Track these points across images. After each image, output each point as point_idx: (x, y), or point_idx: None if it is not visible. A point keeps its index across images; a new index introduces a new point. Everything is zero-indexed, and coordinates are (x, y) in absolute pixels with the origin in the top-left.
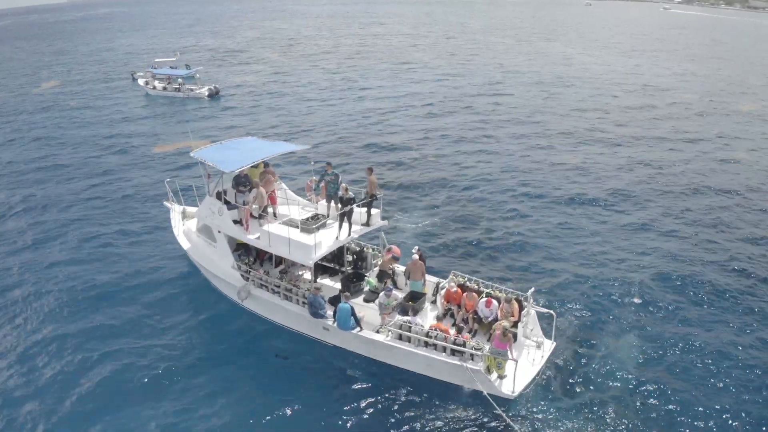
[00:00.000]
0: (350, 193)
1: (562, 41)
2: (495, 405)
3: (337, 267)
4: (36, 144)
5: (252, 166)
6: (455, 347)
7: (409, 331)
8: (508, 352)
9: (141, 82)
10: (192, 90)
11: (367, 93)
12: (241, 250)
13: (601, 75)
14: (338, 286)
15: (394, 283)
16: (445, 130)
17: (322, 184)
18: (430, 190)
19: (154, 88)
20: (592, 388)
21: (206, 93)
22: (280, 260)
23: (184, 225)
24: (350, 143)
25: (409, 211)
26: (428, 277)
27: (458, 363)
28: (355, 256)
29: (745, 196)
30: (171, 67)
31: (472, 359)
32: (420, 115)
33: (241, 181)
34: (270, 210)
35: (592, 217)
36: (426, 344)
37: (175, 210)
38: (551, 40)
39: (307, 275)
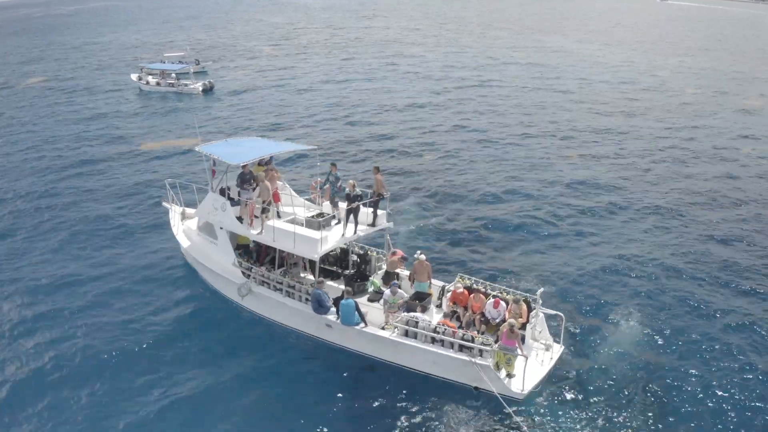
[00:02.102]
0: (357, 190)
1: (561, 34)
2: (504, 404)
3: (339, 270)
4: (22, 141)
5: (258, 165)
6: (463, 343)
7: (416, 327)
8: (518, 349)
9: (134, 77)
10: (186, 85)
11: (365, 88)
12: (241, 251)
13: (602, 69)
14: (342, 286)
15: (399, 287)
16: (448, 126)
17: (326, 185)
18: (435, 189)
19: (148, 83)
20: (601, 391)
21: (200, 88)
22: (281, 262)
23: (184, 225)
24: (349, 140)
25: (413, 213)
26: (434, 280)
27: (467, 359)
28: (358, 259)
29: (755, 190)
30: (180, 62)
31: (481, 355)
32: (421, 111)
33: (246, 179)
34: (273, 208)
35: (601, 217)
36: (433, 340)
37: (175, 211)
38: (551, 33)
39: (310, 277)
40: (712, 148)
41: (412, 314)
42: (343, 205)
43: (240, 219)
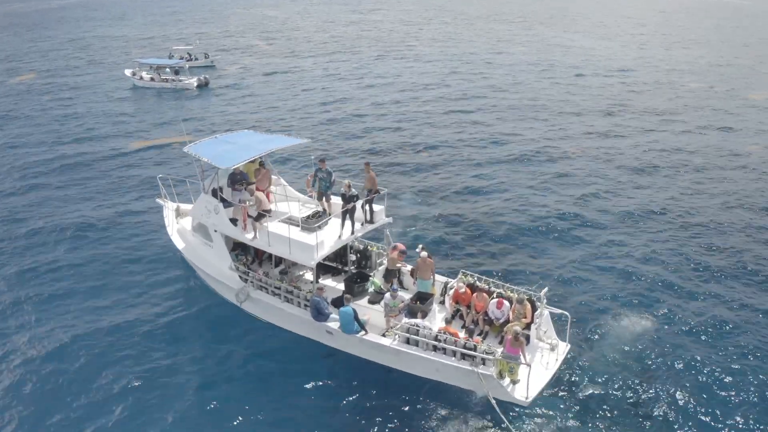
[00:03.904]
0: (353, 190)
1: (563, 27)
2: (508, 411)
3: (340, 266)
4: (9, 138)
5: (248, 162)
6: (466, 351)
7: (417, 335)
8: (521, 357)
9: (128, 72)
10: (181, 81)
11: (364, 82)
12: (239, 249)
13: (603, 63)
14: (341, 287)
15: (401, 284)
16: (446, 120)
17: (316, 180)
18: (435, 184)
19: (141, 78)
20: (608, 392)
21: (195, 84)
22: (279, 260)
23: (179, 223)
24: (346, 135)
25: (413, 208)
26: (436, 276)
27: (469, 368)
28: (358, 255)
29: (760, 184)
30: (188, 54)
31: (484, 364)
32: (422, 105)
33: (237, 179)
34: (268, 217)
35: (607, 212)
36: (435, 348)
37: (169, 207)
38: (550, 26)
39: (309, 276)
40: (716, 142)
41: (413, 321)
42: (335, 200)
43: (234, 221)
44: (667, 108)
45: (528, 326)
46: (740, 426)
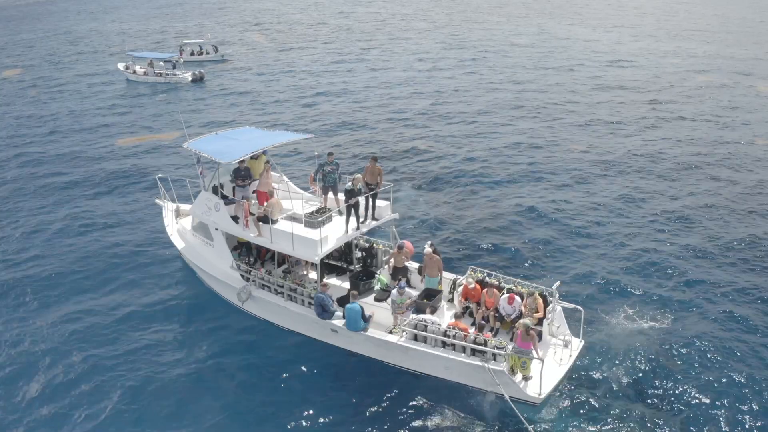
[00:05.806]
0: (360, 185)
1: (565, 19)
2: (519, 410)
3: (344, 265)
4: None
5: (252, 158)
6: (476, 347)
7: (425, 331)
8: (533, 351)
9: (121, 66)
10: (175, 75)
11: (361, 76)
12: (241, 248)
13: (608, 55)
14: (346, 285)
15: (408, 282)
16: (455, 113)
17: (319, 175)
18: (442, 178)
19: (134, 72)
20: (623, 390)
21: (189, 78)
22: (282, 260)
23: (178, 224)
24: (349, 131)
25: (420, 203)
26: (444, 273)
27: (479, 364)
28: (364, 254)
29: None
30: (200, 46)
31: (495, 359)
32: (426, 99)
33: (241, 174)
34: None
35: (616, 206)
36: (444, 344)
37: (168, 208)
38: (554, 18)
39: (313, 275)
40: (719, 137)
41: (421, 317)
42: (341, 196)
43: (235, 218)
44: (670, 100)
45: (540, 321)
46: (758, 424)
